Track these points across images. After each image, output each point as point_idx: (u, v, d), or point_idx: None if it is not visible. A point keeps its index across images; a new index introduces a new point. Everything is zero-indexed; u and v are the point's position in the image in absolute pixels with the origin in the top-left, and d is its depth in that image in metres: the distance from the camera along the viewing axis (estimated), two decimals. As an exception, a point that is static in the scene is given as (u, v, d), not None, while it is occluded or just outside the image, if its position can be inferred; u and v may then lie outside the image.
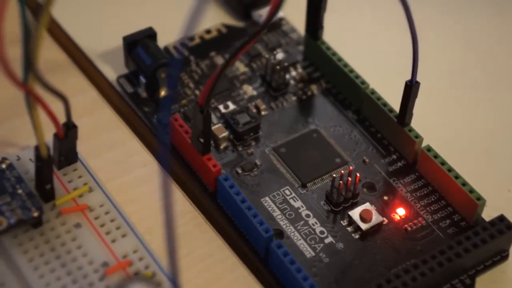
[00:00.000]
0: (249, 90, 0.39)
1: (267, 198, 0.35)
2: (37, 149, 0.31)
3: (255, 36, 0.31)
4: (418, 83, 0.34)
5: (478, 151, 0.38)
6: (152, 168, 0.36)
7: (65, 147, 0.32)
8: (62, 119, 0.31)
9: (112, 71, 0.40)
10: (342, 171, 0.35)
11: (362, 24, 0.43)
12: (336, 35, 0.40)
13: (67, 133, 0.31)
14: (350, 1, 0.44)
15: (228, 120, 0.37)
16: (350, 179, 0.34)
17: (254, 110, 0.38)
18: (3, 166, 0.32)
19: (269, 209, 0.34)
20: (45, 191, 0.32)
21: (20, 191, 0.31)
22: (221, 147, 0.36)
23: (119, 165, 0.36)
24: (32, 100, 0.29)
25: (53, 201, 0.32)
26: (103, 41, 0.41)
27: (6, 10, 0.25)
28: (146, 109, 0.38)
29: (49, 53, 0.39)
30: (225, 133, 0.36)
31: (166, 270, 0.31)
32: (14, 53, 0.27)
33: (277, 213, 0.34)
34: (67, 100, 0.30)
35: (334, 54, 0.39)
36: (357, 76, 0.38)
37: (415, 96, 0.35)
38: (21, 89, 0.28)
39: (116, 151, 0.36)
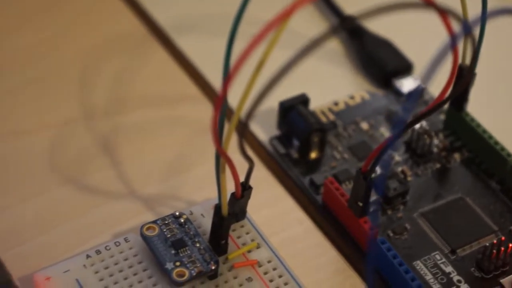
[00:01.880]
0: (394, 156, 0.41)
1: (418, 262, 0.36)
2: (217, 207, 0.33)
3: (421, 118, 0.34)
4: None
5: None
6: (307, 225, 0.38)
7: (238, 206, 0.34)
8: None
9: (263, 133, 0.42)
10: (495, 241, 0.36)
11: (505, 94, 0.45)
12: (479, 105, 0.42)
13: (244, 193, 0.34)
14: (489, 73, 0.46)
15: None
16: (502, 248, 0.36)
17: (402, 176, 0.40)
18: (182, 220, 0.34)
19: (421, 272, 0.36)
20: (219, 245, 0.34)
21: (198, 244, 0.34)
22: (371, 210, 0.38)
23: (277, 222, 0.38)
24: (223, 162, 0.31)
25: (225, 255, 0.34)
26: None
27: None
28: (297, 170, 0.40)
29: (206, 114, 0.41)
30: (376, 197, 0.38)
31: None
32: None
33: (429, 277, 0.36)
34: (253, 164, 0.32)
35: (479, 125, 0.40)
36: (503, 149, 0.39)
37: None
38: (219, 151, 0.30)
39: (273, 208, 0.39)
